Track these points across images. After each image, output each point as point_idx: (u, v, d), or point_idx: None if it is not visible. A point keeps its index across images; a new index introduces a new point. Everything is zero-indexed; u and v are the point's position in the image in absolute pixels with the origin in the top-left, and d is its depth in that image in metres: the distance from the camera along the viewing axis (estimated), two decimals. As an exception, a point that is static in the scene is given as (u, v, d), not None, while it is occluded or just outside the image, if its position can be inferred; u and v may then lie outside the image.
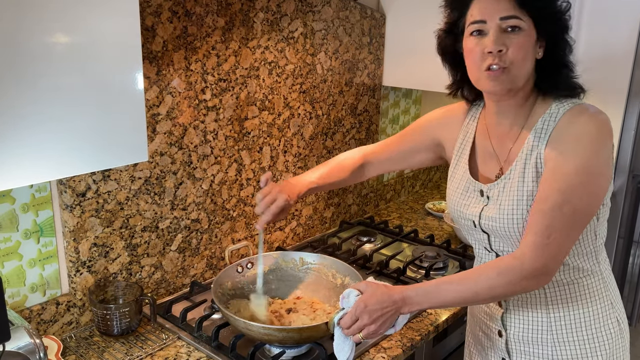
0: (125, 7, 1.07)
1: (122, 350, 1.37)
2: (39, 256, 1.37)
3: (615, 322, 1.23)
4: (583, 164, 1.08)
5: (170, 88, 1.50)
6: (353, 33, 2.01)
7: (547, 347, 1.23)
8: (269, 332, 1.26)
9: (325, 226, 2.12)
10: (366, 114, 2.17)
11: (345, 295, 1.20)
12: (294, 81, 1.83)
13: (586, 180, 1.09)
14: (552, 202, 1.09)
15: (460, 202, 1.28)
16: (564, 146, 1.11)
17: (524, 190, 1.15)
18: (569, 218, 1.09)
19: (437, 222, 2.26)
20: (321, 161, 2.01)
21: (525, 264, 1.09)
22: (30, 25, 0.96)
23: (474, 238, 1.29)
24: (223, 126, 1.65)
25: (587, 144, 1.09)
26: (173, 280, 1.64)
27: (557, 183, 1.09)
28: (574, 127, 1.11)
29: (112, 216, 1.45)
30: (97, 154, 1.11)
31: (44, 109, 1.00)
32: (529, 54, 1.12)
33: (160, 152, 1.52)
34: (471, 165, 1.29)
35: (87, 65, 1.04)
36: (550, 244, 1.08)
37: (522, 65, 1.12)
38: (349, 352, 1.20)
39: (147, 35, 1.41)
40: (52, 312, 1.40)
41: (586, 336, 1.21)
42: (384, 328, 1.17)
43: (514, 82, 1.13)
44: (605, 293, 1.23)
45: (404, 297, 1.15)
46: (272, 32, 1.72)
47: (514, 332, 1.27)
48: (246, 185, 1.77)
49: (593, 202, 1.11)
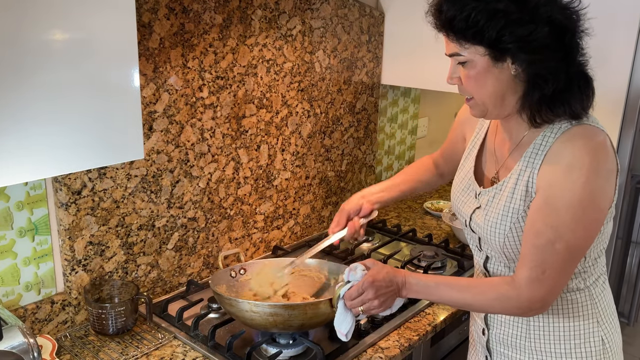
0: (121, 3, 1.06)
1: (117, 350, 1.36)
2: (34, 254, 1.35)
3: (598, 341, 1.20)
4: (575, 199, 1.04)
5: (167, 85, 1.48)
6: (352, 31, 2.00)
7: (524, 354, 1.24)
8: (275, 311, 1.25)
9: (323, 225, 2.10)
10: (365, 112, 2.16)
11: (352, 268, 1.22)
12: (292, 79, 1.82)
13: (580, 214, 1.05)
14: (545, 239, 1.07)
15: (459, 198, 1.29)
16: (556, 176, 1.06)
17: (511, 206, 1.14)
18: (563, 254, 1.07)
19: (436, 222, 2.25)
20: (319, 160, 2.00)
21: (522, 297, 1.10)
22: (25, 21, 0.95)
23: (467, 235, 1.30)
24: (220, 124, 1.64)
25: (579, 176, 1.04)
26: (169, 279, 1.63)
27: (549, 218, 1.07)
28: (566, 154, 1.06)
29: (108, 214, 1.44)
30: (92, 152, 1.10)
31: (39, 105, 0.99)
32: (485, 85, 1.08)
33: (156, 150, 1.50)
34: (478, 162, 1.29)
35: (82, 62, 1.03)
36: (545, 279, 1.08)
37: (482, 94, 1.10)
38: (350, 324, 1.22)
39: (143, 32, 1.40)
40: (47, 311, 1.38)
41: (563, 350, 1.20)
42: (384, 306, 1.20)
43: (485, 111, 1.13)
44: (591, 310, 1.19)
45: (406, 282, 1.19)
46: (270, 29, 1.71)
47: (495, 332, 1.28)
48: (243, 184, 1.76)
49: (588, 235, 1.09)
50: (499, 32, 1.01)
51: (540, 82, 1.05)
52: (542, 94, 1.06)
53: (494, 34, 1.01)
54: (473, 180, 1.26)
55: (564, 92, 1.06)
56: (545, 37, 1.01)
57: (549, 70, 1.04)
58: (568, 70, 1.05)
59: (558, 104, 1.07)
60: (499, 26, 1.01)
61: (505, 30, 1.01)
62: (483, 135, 1.29)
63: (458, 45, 1.06)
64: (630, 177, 1.96)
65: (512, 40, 1.01)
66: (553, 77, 1.04)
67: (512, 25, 1.00)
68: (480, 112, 1.14)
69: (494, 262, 1.24)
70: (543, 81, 1.05)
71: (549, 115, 1.08)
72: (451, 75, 1.13)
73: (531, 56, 1.03)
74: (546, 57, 1.03)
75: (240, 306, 1.27)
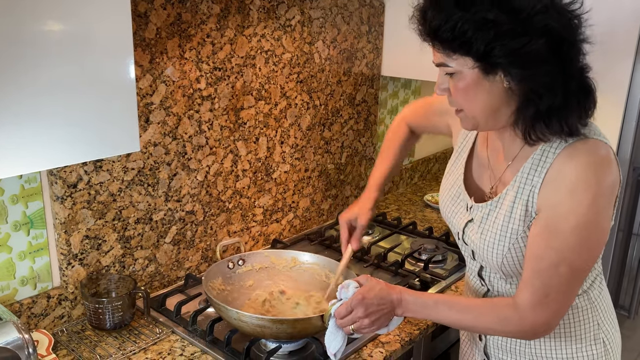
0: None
1: (114, 345, 1.34)
2: (29, 249, 1.33)
3: (600, 344, 1.18)
4: (580, 222, 0.99)
5: (163, 77, 1.46)
6: (351, 21, 1.98)
7: (524, 359, 1.21)
8: (262, 324, 1.23)
9: (322, 218, 2.09)
10: (364, 104, 2.14)
11: (345, 285, 1.18)
12: (291, 70, 1.80)
13: (585, 236, 1.01)
14: (547, 262, 1.02)
15: (449, 207, 1.24)
16: (559, 198, 1.01)
17: (509, 227, 1.08)
18: (566, 277, 1.03)
19: (436, 214, 2.23)
20: (318, 152, 1.98)
21: (525, 321, 1.06)
22: (19, 13, 0.92)
23: (460, 245, 1.26)
24: (218, 116, 1.62)
25: (584, 197, 0.98)
26: (167, 273, 1.61)
27: (552, 241, 1.02)
28: (569, 173, 1.00)
29: (104, 208, 1.42)
30: (88, 144, 1.09)
31: (32, 98, 0.98)
32: (475, 98, 1.00)
33: (153, 142, 1.48)
34: (467, 169, 1.23)
35: (76, 53, 1.01)
36: (549, 302, 1.04)
37: (472, 108, 1.02)
38: (340, 343, 1.18)
39: (140, 22, 1.37)
40: (43, 305, 1.37)
41: (564, 355, 1.17)
42: (377, 325, 1.14)
43: (476, 124, 1.06)
44: (591, 314, 1.17)
45: (402, 299, 1.13)
46: (268, 19, 1.68)
47: (493, 338, 1.25)
48: (242, 177, 1.74)
49: (592, 256, 1.05)
50: (487, 45, 0.93)
51: (534, 97, 0.97)
52: (537, 109, 0.98)
53: (482, 47, 0.93)
54: (463, 190, 1.20)
55: (561, 108, 0.98)
56: (540, 49, 0.93)
57: (544, 86, 0.96)
58: (566, 83, 0.97)
59: (554, 121, 0.99)
60: (488, 38, 0.92)
61: (495, 42, 0.93)
62: (473, 139, 1.23)
63: (445, 55, 0.99)
64: (632, 170, 1.95)
65: (503, 54, 0.93)
66: (549, 92, 0.96)
67: (503, 37, 0.92)
68: (471, 126, 1.07)
69: (489, 272, 1.21)
70: (537, 97, 0.97)
71: (545, 132, 1.00)
72: (439, 86, 1.05)
73: (524, 71, 0.95)
74: (541, 72, 0.95)
75: (228, 313, 1.25)
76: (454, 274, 1.71)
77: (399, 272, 1.69)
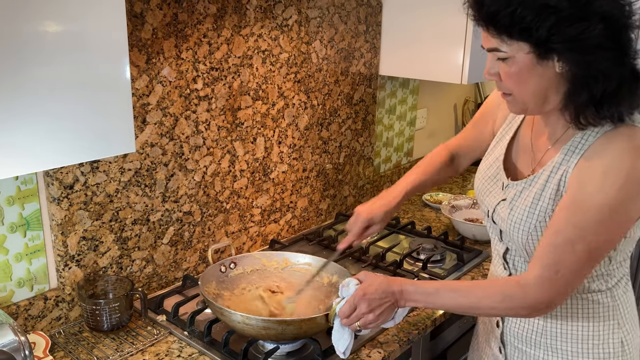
0: (110, -8, 1.03)
1: (112, 346, 1.34)
2: (26, 250, 1.33)
3: (618, 343, 1.17)
4: (607, 203, 0.99)
5: (160, 77, 1.45)
6: (349, 21, 1.97)
7: (539, 350, 1.21)
8: (268, 325, 1.22)
9: (320, 218, 2.08)
10: (362, 104, 2.14)
11: (345, 284, 1.19)
12: (288, 70, 1.79)
13: (607, 218, 1.00)
14: (564, 237, 1.01)
15: (484, 187, 1.24)
16: (591, 176, 1.01)
17: (539, 205, 1.09)
18: (581, 256, 1.02)
19: (435, 214, 2.23)
20: (316, 152, 1.97)
21: (528, 296, 1.05)
22: (14, 13, 0.92)
23: (488, 225, 1.26)
24: (215, 116, 1.61)
25: (615, 180, 0.98)
26: (165, 274, 1.61)
27: (574, 217, 1.01)
28: (605, 155, 1.00)
29: (101, 209, 1.41)
30: (84, 145, 1.08)
31: (27, 98, 0.97)
32: (527, 83, 1.01)
33: (150, 143, 1.48)
34: (508, 151, 1.23)
35: (71, 53, 1.01)
36: (558, 279, 1.03)
37: (523, 92, 1.03)
38: (347, 341, 1.19)
39: (135, 23, 1.37)
40: (40, 307, 1.36)
41: (581, 350, 1.17)
42: (382, 319, 1.16)
43: (525, 108, 1.07)
44: (612, 312, 1.16)
45: (403, 290, 1.14)
46: (265, 19, 1.68)
47: (510, 326, 1.25)
48: (239, 177, 1.73)
49: (610, 240, 1.04)
50: (549, 31, 0.93)
51: (590, 82, 0.97)
52: (590, 95, 0.98)
53: (545, 33, 0.93)
54: (502, 169, 1.21)
55: (613, 94, 0.98)
56: (599, 35, 0.93)
57: (601, 71, 0.96)
58: (620, 69, 0.97)
59: (606, 107, 0.99)
60: (549, 24, 0.92)
61: (555, 28, 0.93)
62: (517, 123, 1.23)
63: (499, 40, 0.99)
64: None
65: (563, 40, 0.93)
66: (605, 78, 0.96)
67: (563, 23, 0.92)
68: (520, 110, 1.09)
69: (513, 255, 1.21)
70: (594, 82, 0.97)
71: (596, 117, 1.00)
72: (489, 71, 1.05)
73: (582, 56, 0.95)
74: (599, 58, 0.95)
75: (232, 317, 1.25)
76: (453, 273, 1.71)
77: (397, 272, 1.68)
